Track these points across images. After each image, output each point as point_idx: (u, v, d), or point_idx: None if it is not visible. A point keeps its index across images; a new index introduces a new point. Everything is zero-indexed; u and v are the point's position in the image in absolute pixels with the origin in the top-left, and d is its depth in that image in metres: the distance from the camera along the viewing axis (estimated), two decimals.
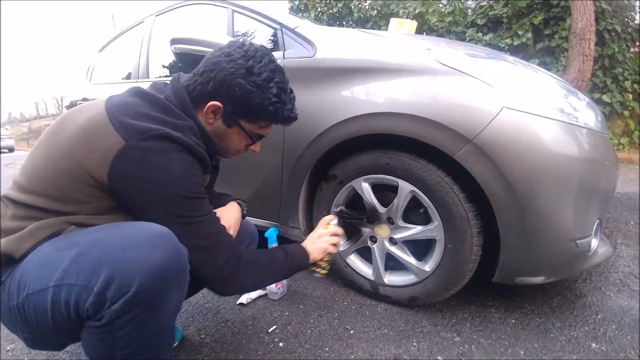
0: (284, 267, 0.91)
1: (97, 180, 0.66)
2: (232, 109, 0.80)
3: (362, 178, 1.24)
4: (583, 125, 1.08)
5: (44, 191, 0.67)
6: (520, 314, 1.24)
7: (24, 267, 0.64)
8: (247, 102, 0.79)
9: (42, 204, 0.67)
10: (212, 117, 0.82)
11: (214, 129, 0.84)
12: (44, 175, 0.68)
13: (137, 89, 0.77)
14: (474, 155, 1.00)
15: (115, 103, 0.71)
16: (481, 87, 1.02)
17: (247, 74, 0.77)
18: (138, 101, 0.73)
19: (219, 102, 0.79)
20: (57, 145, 0.69)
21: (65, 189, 0.67)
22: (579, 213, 1.03)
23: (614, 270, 1.58)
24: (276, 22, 1.44)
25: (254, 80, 0.78)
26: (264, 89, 0.79)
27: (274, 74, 0.80)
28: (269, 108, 0.81)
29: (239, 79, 0.77)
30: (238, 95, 0.78)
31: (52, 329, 0.63)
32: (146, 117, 0.70)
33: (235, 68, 0.77)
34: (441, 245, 1.14)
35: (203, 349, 1.08)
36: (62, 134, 0.69)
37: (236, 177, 1.48)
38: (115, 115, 0.68)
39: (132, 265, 0.58)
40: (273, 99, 0.80)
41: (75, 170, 0.66)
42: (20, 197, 0.68)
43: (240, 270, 0.80)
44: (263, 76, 0.78)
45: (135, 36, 2.12)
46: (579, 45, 4.12)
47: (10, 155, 13.22)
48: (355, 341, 1.11)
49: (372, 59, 1.19)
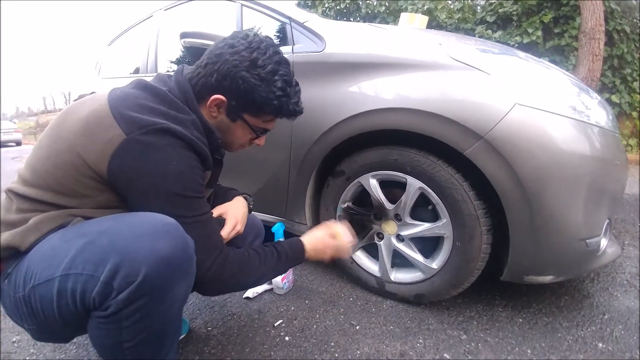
0: (276, 267, 0.88)
1: (98, 174, 0.66)
2: (236, 102, 0.79)
3: (370, 174, 1.23)
4: (595, 124, 1.06)
5: (47, 185, 0.67)
6: (527, 313, 1.24)
7: (31, 259, 0.64)
8: (251, 96, 0.77)
9: (45, 198, 0.67)
10: (215, 111, 0.80)
11: (218, 123, 0.82)
12: (47, 169, 0.67)
13: (140, 81, 0.76)
14: (485, 152, 0.99)
15: (118, 95, 0.70)
16: (493, 83, 1.01)
17: (251, 67, 0.75)
18: (141, 93, 0.72)
19: (222, 95, 0.77)
20: (60, 138, 0.69)
21: (67, 183, 0.66)
22: (589, 212, 1.02)
23: (621, 270, 1.56)
24: (285, 16, 1.44)
25: (258, 73, 0.76)
26: (269, 82, 0.77)
27: (279, 67, 0.78)
28: (274, 102, 0.79)
29: (242, 72, 0.75)
30: (242, 89, 0.76)
31: (58, 321, 0.63)
32: (148, 109, 0.69)
33: (238, 60, 0.75)
34: (449, 242, 1.14)
35: (210, 342, 1.08)
36: (65, 127, 0.69)
37: (243, 172, 1.48)
38: (117, 108, 0.67)
39: (138, 255, 0.58)
40: (278, 92, 0.78)
41: (76, 163, 0.65)
42: (25, 190, 0.68)
43: (224, 273, 0.77)
44: (267, 69, 0.76)
45: (144, 30, 2.13)
46: (588, 45, 4.09)
47: (18, 149, 13.34)
48: (361, 337, 1.11)
49: (382, 54, 1.18)
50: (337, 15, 7.30)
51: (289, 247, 0.91)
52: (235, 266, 0.79)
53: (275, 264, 0.87)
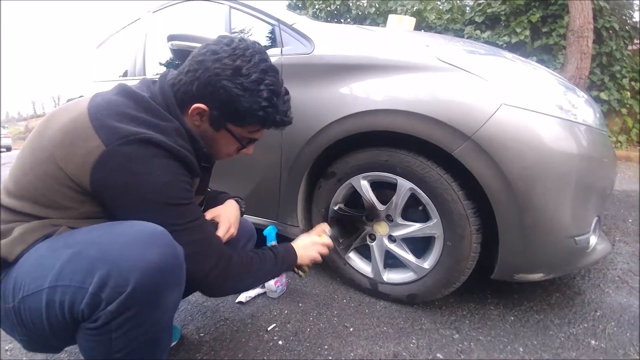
0: (273, 269, 0.91)
1: (80, 186, 0.64)
2: (218, 112, 0.76)
3: (361, 175, 1.23)
4: (582, 122, 1.07)
5: (30, 196, 0.66)
6: (519, 311, 1.24)
7: (19, 269, 0.63)
8: (233, 106, 0.74)
9: (27, 210, 0.66)
10: (198, 120, 0.77)
11: (201, 132, 0.79)
12: (30, 180, 0.66)
13: (122, 87, 0.74)
14: (472, 152, 0.99)
15: (98, 103, 0.68)
16: (480, 84, 1.01)
17: (234, 76, 0.72)
18: (122, 100, 0.70)
19: (204, 104, 0.74)
20: (40, 147, 0.67)
21: (50, 194, 0.65)
22: (577, 210, 1.03)
23: (612, 267, 1.58)
24: (274, 18, 1.44)
25: (242, 82, 0.72)
26: (253, 92, 0.73)
27: (265, 75, 0.74)
28: (259, 113, 0.75)
29: (224, 80, 0.71)
30: (224, 99, 0.73)
31: (48, 332, 0.62)
32: (129, 118, 0.67)
33: (221, 69, 0.72)
34: (440, 242, 1.14)
35: (202, 348, 1.07)
36: (47, 135, 0.67)
37: (234, 175, 1.47)
38: (97, 116, 0.65)
39: (127, 265, 0.57)
40: (263, 103, 0.74)
41: (57, 175, 0.64)
42: (8, 202, 0.67)
43: (229, 274, 0.79)
44: (252, 78, 0.73)
45: (133, 33, 2.11)
46: (576, 43, 4.13)
47: (8, 155, 13.15)
48: (354, 339, 1.10)
49: (370, 56, 1.18)
50: (328, 17, 7.32)
51: (283, 248, 0.95)
52: (239, 267, 0.81)
53: (274, 264, 0.90)
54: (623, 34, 5.85)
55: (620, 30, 5.78)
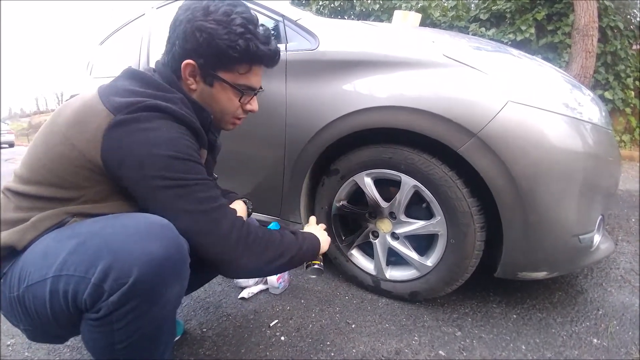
0: (296, 245, 0.83)
1: (92, 162, 0.65)
2: (204, 60, 0.75)
3: (365, 172, 1.23)
4: (587, 120, 1.07)
5: (44, 179, 0.67)
6: (521, 309, 1.24)
7: (25, 259, 0.64)
8: (214, 45, 0.72)
9: (43, 193, 0.67)
10: (192, 82, 0.78)
11: (200, 95, 0.79)
12: (43, 164, 0.68)
13: (128, 70, 0.77)
14: (478, 150, 0.99)
15: (108, 85, 0.73)
16: (486, 81, 1.01)
17: (204, 15, 0.72)
18: (129, 82, 0.73)
19: (189, 59, 0.74)
20: (53, 132, 0.69)
21: (64, 174, 0.66)
22: (582, 208, 1.03)
23: (615, 266, 1.58)
24: (278, 14, 1.43)
25: (213, 17, 0.72)
26: (226, 23, 0.72)
27: (234, 7, 0.74)
28: (239, 42, 0.73)
29: (197, 22, 0.72)
30: (202, 42, 0.72)
31: (51, 321, 0.62)
32: (136, 93, 0.70)
33: (192, 14, 0.72)
34: (443, 240, 1.14)
35: (205, 343, 1.08)
36: (59, 121, 0.70)
37: (238, 171, 1.47)
38: (106, 95, 0.69)
39: (130, 256, 0.58)
40: (239, 29, 0.72)
41: (71, 154, 0.65)
42: (22, 188, 0.68)
43: (250, 237, 0.72)
44: (222, 10, 0.72)
45: (136, 29, 2.11)
46: (581, 42, 4.10)
47: (10, 151, 13.20)
48: (356, 335, 1.11)
49: (375, 52, 1.18)
50: (332, 13, 7.28)
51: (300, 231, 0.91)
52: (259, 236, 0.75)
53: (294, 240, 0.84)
54: (628, 34, 5.81)
55: (625, 30, 5.75)
